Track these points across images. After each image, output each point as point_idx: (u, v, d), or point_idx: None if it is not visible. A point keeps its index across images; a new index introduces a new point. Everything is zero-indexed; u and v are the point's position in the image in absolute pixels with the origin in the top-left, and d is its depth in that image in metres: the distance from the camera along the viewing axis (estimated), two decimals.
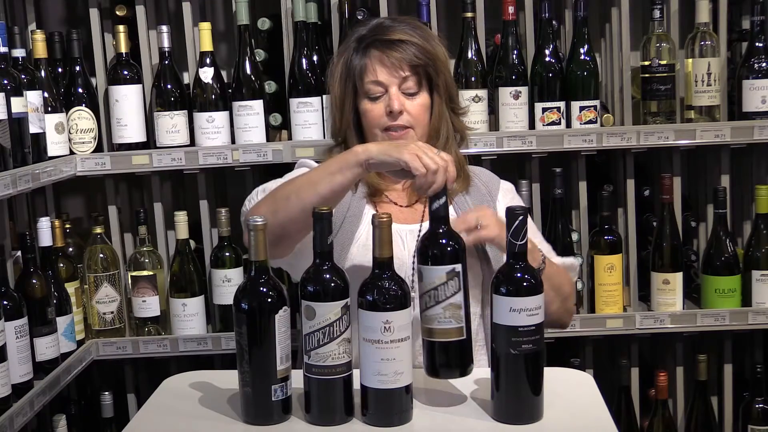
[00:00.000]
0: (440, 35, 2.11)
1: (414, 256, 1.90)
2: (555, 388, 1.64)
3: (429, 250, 1.60)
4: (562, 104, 2.55)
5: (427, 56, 1.92)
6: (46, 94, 2.41)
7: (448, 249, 1.59)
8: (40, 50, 2.46)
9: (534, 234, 1.98)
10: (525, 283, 1.54)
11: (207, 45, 2.55)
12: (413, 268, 1.92)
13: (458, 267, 1.58)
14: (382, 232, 1.56)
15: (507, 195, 2.08)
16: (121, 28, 2.54)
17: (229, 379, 1.78)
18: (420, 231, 1.94)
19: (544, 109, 2.54)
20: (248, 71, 2.56)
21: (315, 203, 1.67)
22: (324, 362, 1.56)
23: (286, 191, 1.77)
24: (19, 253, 2.36)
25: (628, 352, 2.76)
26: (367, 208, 1.97)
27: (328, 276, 1.56)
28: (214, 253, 2.63)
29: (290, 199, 1.75)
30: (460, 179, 2.00)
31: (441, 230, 1.61)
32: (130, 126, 2.56)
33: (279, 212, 1.74)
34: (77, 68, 2.58)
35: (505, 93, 2.53)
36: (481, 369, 1.76)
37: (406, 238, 1.94)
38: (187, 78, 2.68)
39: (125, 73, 2.56)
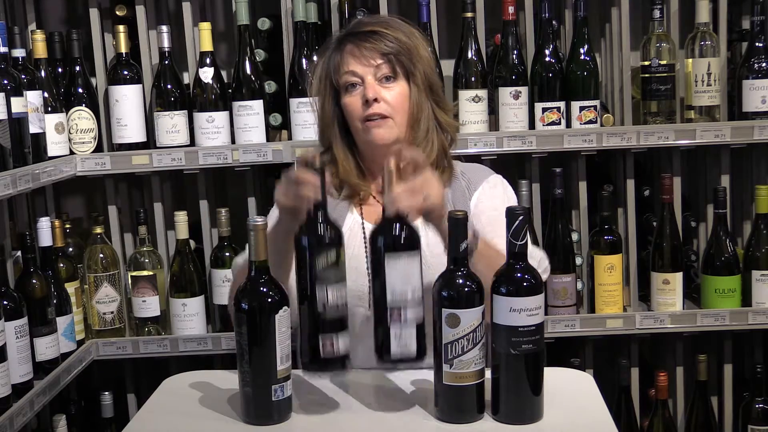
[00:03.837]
0: (437, 42, 2.09)
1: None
2: (555, 388, 1.64)
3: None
4: (562, 104, 2.55)
5: (399, 45, 1.90)
6: (46, 94, 2.41)
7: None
8: (40, 50, 2.46)
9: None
10: (525, 283, 1.54)
11: (207, 45, 2.55)
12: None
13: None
14: None
15: (491, 188, 1.99)
16: (121, 28, 2.54)
17: (229, 379, 1.79)
18: None
19: (544, 109, 2.54)
20: (248, 71, 2.56)
21: (280, 263, 1.71)
22: None
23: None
24: (19, 253, 2.36)
25: (628, 352, 2.76)
26: (349, 211, 1.95)
27: None
28: (214, 253, 2.63)
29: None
30: (439, 171, 1.95)
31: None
32: (130, 126, 2.56)
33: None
34: (77, 68, 2.58)
35: (505, 93, 2.53)
36: None
37: None
38: (187, 78, 2.68)
39: (125, 73, 2.56)
